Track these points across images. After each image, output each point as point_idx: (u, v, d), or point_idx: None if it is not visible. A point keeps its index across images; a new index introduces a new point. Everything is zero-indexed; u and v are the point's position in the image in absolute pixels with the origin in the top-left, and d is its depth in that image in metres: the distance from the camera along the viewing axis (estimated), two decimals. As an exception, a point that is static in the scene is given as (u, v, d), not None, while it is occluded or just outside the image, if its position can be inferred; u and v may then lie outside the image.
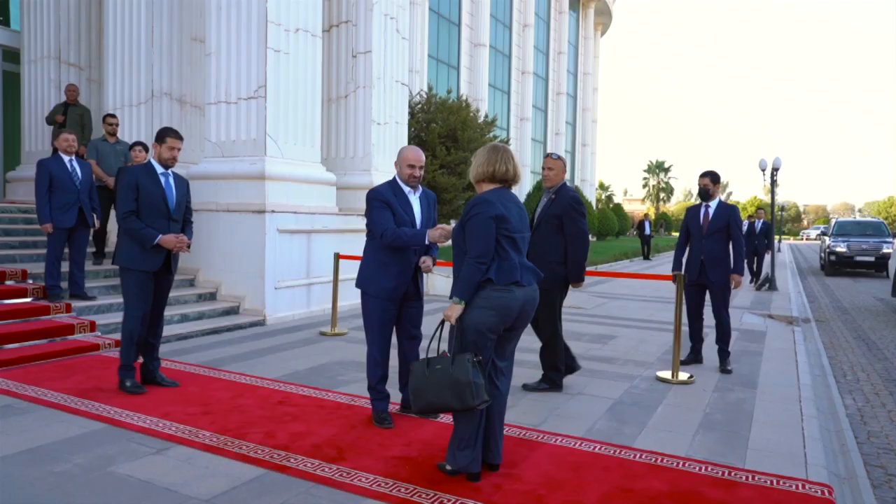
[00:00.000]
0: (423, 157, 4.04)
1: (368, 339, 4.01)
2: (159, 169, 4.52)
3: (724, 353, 5.80)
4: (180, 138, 4.57)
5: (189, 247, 4.61)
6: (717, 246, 5.70)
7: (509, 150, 3.24)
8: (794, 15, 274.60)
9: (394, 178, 4.04)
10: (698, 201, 6.01)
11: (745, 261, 5.14)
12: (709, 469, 3.43)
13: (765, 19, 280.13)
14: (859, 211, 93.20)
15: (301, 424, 3.94)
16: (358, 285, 4.01)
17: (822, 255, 21.02)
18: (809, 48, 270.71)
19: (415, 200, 4.02)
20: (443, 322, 3.15)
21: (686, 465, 3.48)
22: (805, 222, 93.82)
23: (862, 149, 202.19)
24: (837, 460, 3.88)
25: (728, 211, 5.75)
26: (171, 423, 3.88)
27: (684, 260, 5.94)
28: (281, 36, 7.71)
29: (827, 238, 20.64)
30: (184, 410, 4.13)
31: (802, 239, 63.72)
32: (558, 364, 4.91)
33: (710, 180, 5.81)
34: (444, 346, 3.20)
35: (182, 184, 4.66)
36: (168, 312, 6.80)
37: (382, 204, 3.89)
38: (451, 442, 3.18)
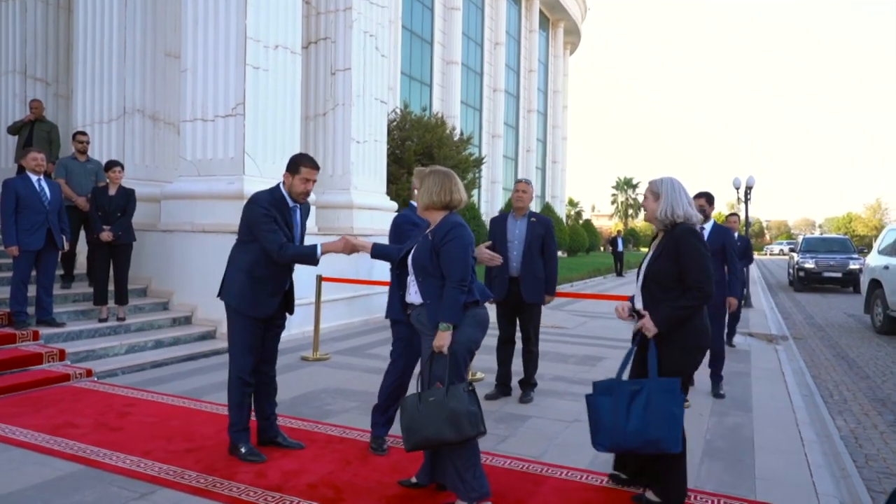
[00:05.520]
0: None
1: None
2: (290, 202, 3.82)
3: (716, 378, 5.74)
4: (317, 168, 3.81)
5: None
6: (715, 269, 5.64)
7: (455, 175, 3.27)
8: (756, 31, 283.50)
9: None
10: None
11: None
12: (721, 502, 3.33)
13: (729, 38, 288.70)
14: (819, 227, 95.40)
15: (292, 461, 3.73)
16: None
17: (791, 270, 21.43)
18: (769, 62, 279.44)
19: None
20: (433, 355, 3.02)
21: (698, 497, 3.37)
22: (768, 237, 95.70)
23: (821, 165, 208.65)
24: (840, 486, 3.82)
25: (724, 234, 5.61)
26: (154, 462, 3.64)
27: None
28: (260, 52, 7.53)
29: (795, 254, 21.08)
30: (166, 448, 3.88)
31: (766, 254, 64.97)
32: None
33: (706, 201, 5.56)
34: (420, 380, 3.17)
35: (305, 216, 4.02)
36: (141, 338, 6.57)
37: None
38: (454, 477, 3.01)
